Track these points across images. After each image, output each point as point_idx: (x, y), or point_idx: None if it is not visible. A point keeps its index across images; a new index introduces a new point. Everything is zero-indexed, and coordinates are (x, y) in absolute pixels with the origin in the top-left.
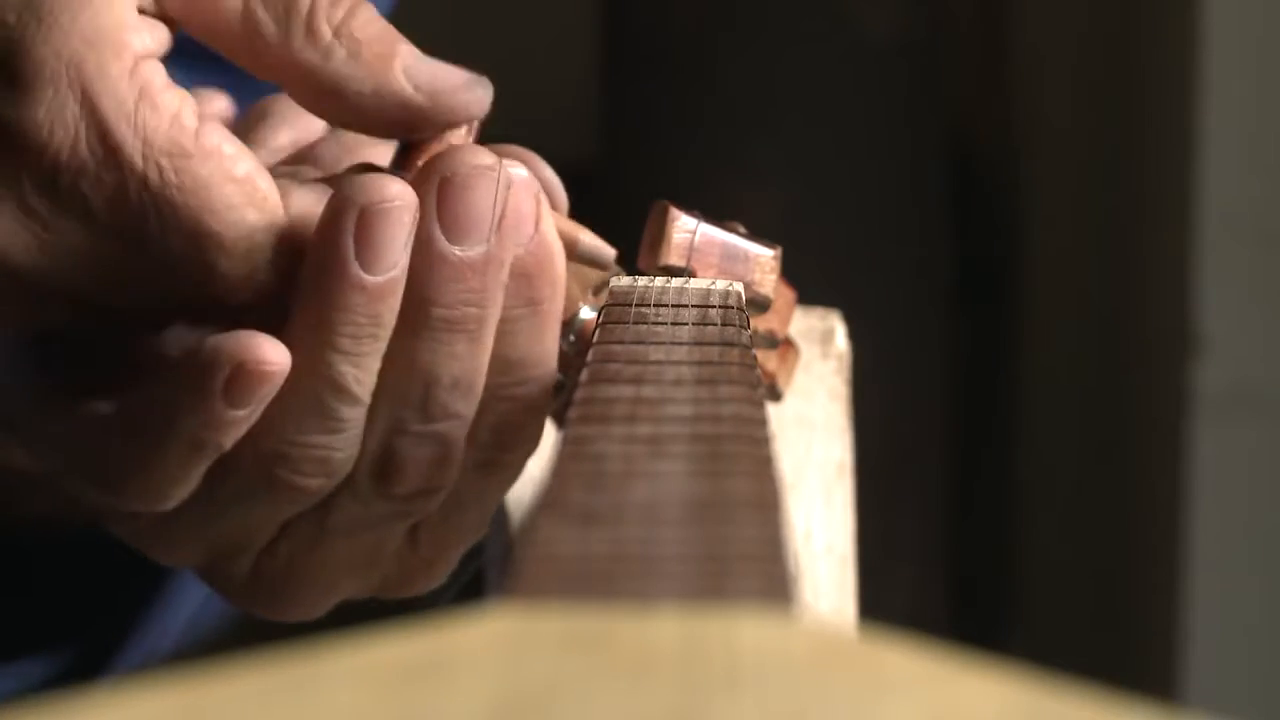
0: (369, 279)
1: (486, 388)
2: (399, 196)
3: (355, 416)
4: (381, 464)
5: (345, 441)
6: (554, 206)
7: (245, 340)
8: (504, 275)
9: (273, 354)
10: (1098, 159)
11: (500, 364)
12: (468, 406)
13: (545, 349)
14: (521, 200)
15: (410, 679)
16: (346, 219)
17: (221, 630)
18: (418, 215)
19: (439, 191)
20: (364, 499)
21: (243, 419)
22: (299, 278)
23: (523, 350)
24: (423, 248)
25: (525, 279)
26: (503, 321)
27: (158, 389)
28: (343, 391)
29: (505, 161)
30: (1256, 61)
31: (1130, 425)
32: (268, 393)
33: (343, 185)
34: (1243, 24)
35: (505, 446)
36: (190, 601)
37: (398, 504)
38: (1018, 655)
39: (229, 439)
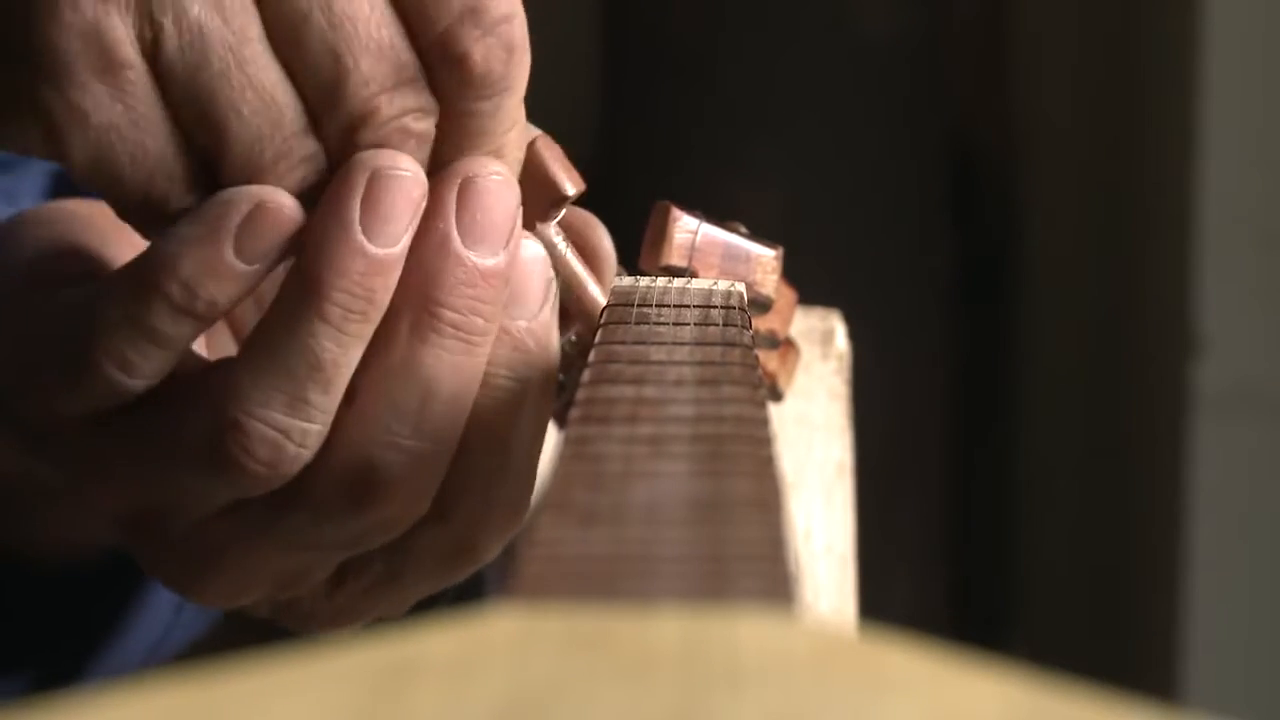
0: (371, 247)
1: (461, 464)
2: (410, 169)
3: (323, 406)
4: (362, 476)
5: (304, 434)
6: (601, 274)
7: (265, 189)
8: (505, 294)
9: (291, 203)
10: (1098, 159)
11: (479, 429)
12: (454, 431)
13: (522, 433)
14: (530, 277)
15: (411, 679)
16: (358, 179)
17: (184, 657)
18: (425, 199)
19: (460, 193)
20: (328, 513)
21: (243, 277)
22: (301, 241)
23: (499, 419)
24: (439, 248)
25: (521, 355)
26: (486, 385)
27: (169, 232)
28: (318, 369)
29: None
30: (1256, 61)
31: (1130, 425)
32: (278, 245)
33: (359, 155)
34: (1243, 24)
35: (474, 528)
36: (151, 631)
37: (364, 526)
38: (1018, 655)
39: (223, 295)
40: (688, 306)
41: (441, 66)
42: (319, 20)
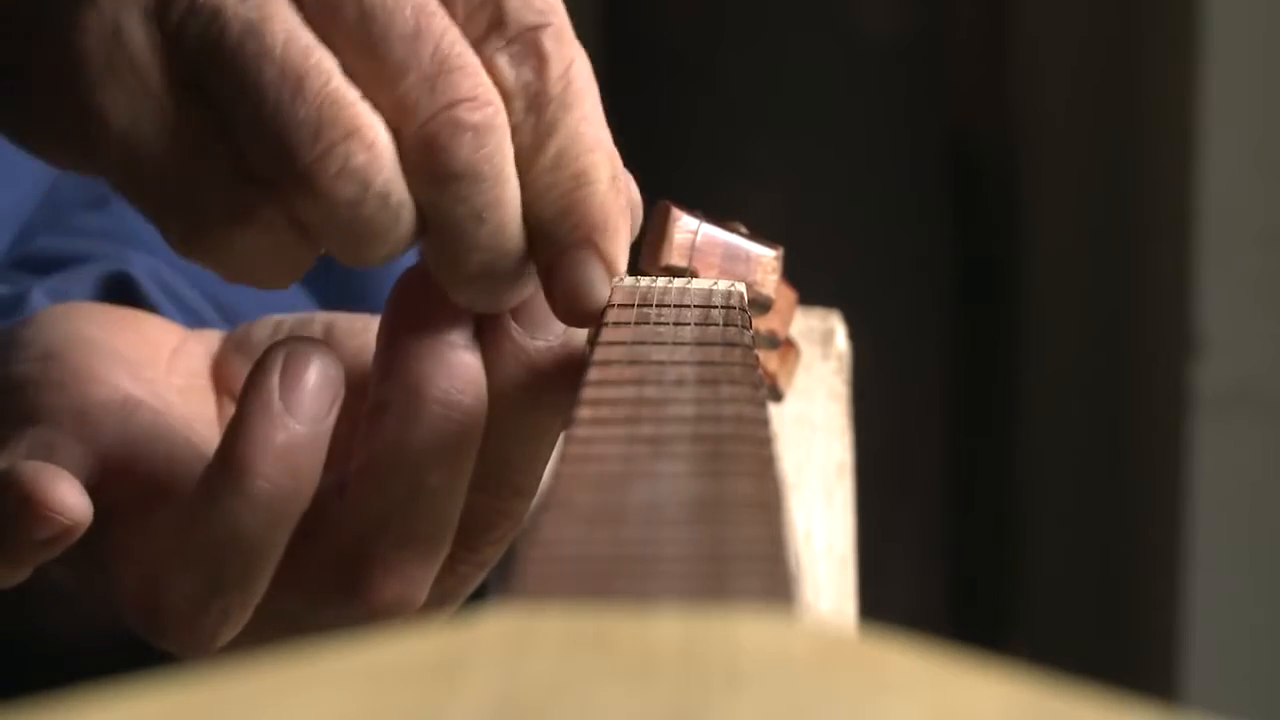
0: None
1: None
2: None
3: (248, 582)
4: (356, 567)
5: (225, 610)
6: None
7: (43, 475)
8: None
9: (70, 499)
10: (1098, 159)
11: (493, 461)
12: (452, 514)
13: (539, 457)
14: None
15: (411, 679)
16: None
17: None
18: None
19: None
20: (324, 603)
21: (47, 549)
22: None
23: (512, 447)
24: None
25: (536, 376)
26: (499, 407)
27: None
28: (239, 544)
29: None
30: (1257, 61)
31: (1130, 425)
32: (53, 541)
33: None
34: (1243, 24)
35: (471, 546)
36: None
37: (363, 613)
38: (1018, 655)
39: (30, 564)
40: (688, 306)
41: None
42: (350, 8)
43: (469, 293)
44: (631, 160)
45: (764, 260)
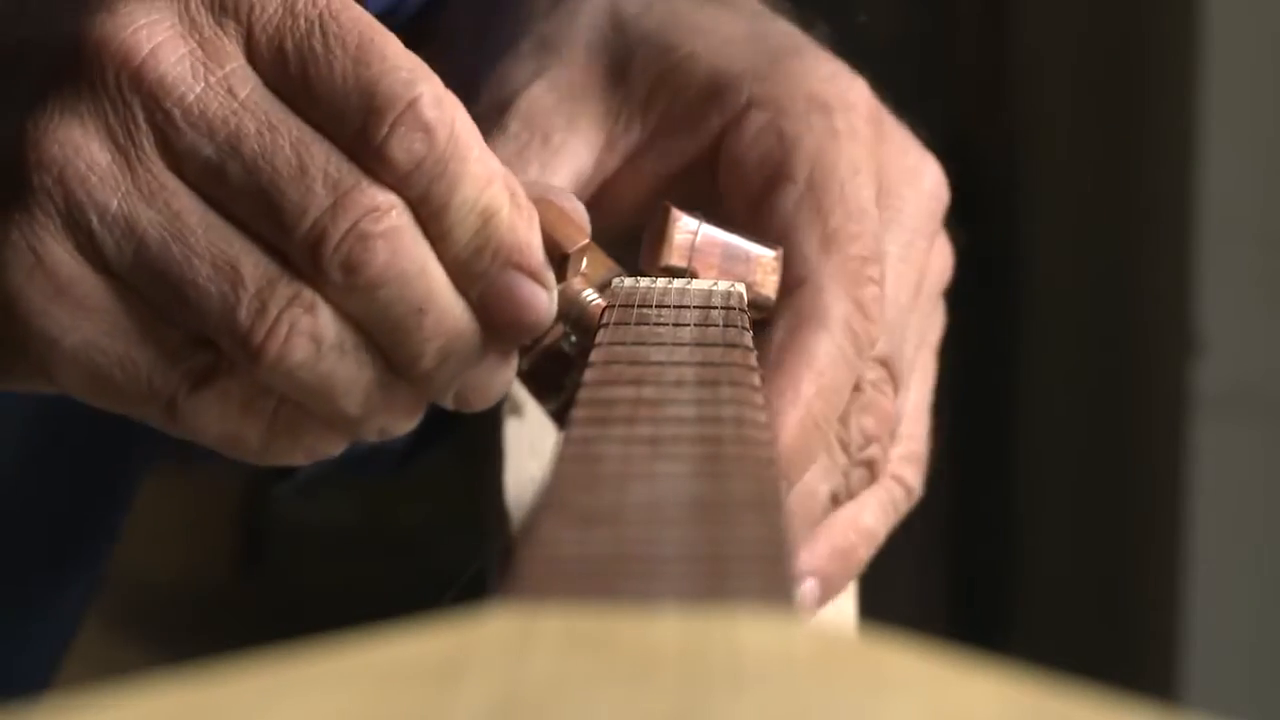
0: None
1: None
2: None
3: None
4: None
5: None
6: (577, 232)
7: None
8: None
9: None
10: (1098, 159)
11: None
12: None
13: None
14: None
15: (411, 679)
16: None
17: None
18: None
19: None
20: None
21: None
22: None
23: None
24: None
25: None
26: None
27: None
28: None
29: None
30: (1257, 61)
31: (1130, 425)
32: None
33: None
34: (1243, 24)
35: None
36: None
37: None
38: (1018, 655)
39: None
40: (688, 307)
41: (373, 169)
42: (235, 169)
43: (447, 385)
44: None
45: (764, 261)
